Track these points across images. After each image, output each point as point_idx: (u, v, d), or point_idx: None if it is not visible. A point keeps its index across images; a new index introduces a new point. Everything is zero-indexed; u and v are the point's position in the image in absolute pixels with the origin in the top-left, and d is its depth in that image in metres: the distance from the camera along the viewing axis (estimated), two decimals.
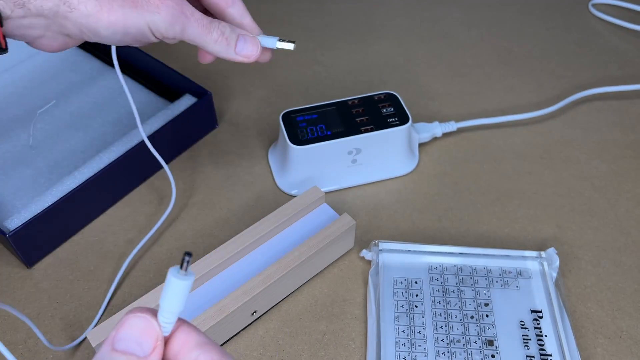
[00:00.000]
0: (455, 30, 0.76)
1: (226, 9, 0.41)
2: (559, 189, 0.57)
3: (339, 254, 0.50)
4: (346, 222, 0.48)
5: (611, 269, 0.50)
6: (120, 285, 0.49)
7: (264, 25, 0.45)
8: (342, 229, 0.47)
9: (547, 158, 0.60)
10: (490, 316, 0.46)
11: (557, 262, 0.49)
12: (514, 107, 0.65)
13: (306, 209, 0.50)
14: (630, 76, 0.69)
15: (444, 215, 0.54)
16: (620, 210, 0.55)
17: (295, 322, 0.47)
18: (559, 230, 0.53)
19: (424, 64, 0.71)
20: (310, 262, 0.47)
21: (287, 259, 0.46)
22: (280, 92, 0.67)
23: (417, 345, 0.44)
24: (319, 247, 0.46)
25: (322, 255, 0.47)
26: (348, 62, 0.71)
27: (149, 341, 0.22)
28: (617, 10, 0.79)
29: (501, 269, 0.49)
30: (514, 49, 0.74)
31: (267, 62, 0.43)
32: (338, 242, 0.48)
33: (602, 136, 0.62)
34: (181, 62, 0.69)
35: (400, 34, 0.75)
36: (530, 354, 0.44)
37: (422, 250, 0.50)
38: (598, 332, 0.46)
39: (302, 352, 0.45)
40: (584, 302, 0.48)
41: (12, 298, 0.48)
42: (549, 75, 0.70)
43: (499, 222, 0.54)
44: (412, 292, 0.47)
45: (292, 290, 0.48)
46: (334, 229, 0.47)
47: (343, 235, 0.48)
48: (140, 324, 0.22)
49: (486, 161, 0.60)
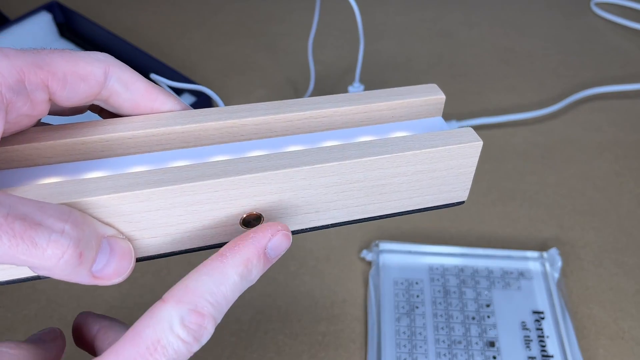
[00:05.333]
0: (456, 30, 0.76)
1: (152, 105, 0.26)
2: (561, 188, 0.57)
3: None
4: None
5: (613, 270, 0.50)
6: (119, 285, 0.49)
7: (264, 24, 0.45)
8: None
9: (549, 158, 0.60)
10: (491, 317, 0.46)
11: (560, 262, 0.48)
12: (515, 107, 0.65)
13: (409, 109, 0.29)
14: (633, 75, 0.69)
15: (444, 215, 0.54)
16: (622, 210, 0.55)
17: (295, 323, 0.47)
18: (560, 230, 0.53)
19: (424, 63, 0.70)
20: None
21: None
22: (280, 92, 0.66)
23: (418, 347, 0.44)
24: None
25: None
26: (348, 61, 0.71)
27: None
28: (619, 9, 0.78)
29: (503, 270, 0.49)
30: (515, 48, 0.73)
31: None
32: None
33: (604, 136, 0.62)
34: (180, 61, 0.69)
35: (400, 33, 0.75)
36: (532, 355, 0.43)
37: (423, 251, 0.50)
38: (600, 333, 0.46)
39: (302, 353, 0.45)
40: (585, 302, 0.48)
41: (11, 299, 0.48)
42: (551, 74, 0.69)
43: (501, 222, 0.54)
44: (413, 293, 0.47)
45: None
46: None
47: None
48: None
49: (487, 161, 0.59)
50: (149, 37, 0.73)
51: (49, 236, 0.19)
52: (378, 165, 0.25)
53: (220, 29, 0.75)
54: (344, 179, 0.25)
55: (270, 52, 0.71)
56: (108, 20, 0.75)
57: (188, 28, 0.75)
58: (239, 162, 0.23)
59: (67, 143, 0.24)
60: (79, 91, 0.23)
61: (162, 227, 0.23)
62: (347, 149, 0.25)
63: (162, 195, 0.22)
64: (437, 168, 0.26)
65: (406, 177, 0.26)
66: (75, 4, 0.74)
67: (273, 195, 0.24)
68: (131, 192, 0.21)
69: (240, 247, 0.22)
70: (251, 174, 0.23)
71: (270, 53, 0.71)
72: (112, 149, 0.25)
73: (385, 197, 0.27)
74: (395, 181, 0.26)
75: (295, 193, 0.24)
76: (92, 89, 0.23)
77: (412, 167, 0.26)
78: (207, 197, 0.23)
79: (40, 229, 0.18)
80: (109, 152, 0.25)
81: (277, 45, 0.73)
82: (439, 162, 0.26)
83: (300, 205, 0.25)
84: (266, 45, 0.72)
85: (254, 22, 0.75)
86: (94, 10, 0.77)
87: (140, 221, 0.22)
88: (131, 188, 0.21)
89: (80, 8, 0.74)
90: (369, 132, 0.28)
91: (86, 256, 0.20)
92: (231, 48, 0.72)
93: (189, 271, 0.22)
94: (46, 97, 0.22)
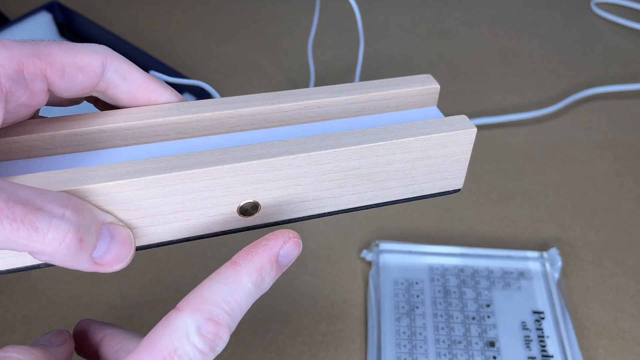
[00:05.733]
0: (456, 29, 0.76)
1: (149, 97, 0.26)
2: (561, 188, 0.57)
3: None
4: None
5: (613, 270, 0.50)
6: (120, 285, 0.49)
7: (264, 24, 0.45)
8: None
9: (549, 158, 0.60)
10: (491, 317, 0.46)
11: (560, 262, 0.48)
12: (515, 107, 0.65)
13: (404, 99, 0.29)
14: (633, 75, 0.69)
15: (444, 215, 0.54)
16: (622, 210, 0.55)
17: (295, 323, 0.47)
18: (560, 230, 0.53)
19: (424, 63, 0.70)
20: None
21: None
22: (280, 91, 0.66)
23: (418, 347, 0.44)
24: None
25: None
26: (348, 61, 0.71)
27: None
28: (619, 9, 0.78)
29: (503, 270, 0.49)
30: (515, 48, 0.73)
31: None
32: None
33: (604, 136, 0.62)
34: (180, 60, 0.69)
35: (400, 33, 0.75)
36: (532, 355, 0.43)
37: (423, 251, 0.50)
38: (600, 333, 0.46)
39: (302, 354, 0.45)
40: (585, 303, 0.48)
41: (11, 299, 0.48)
42: (551, 74, 0.69)
43: (501, 222, 0.54)
44: (413, 293, 0.47)
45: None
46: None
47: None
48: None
49: (487, 161, 0.59)
50: (149, 37, 0.73)
51: (49, 221, 0.19)
52: (373, 153, 0.25)
53: (220, 29, 0.75)
54: (340, 167, 0.25)
55: (270, 52, 0.71)
56: (108, 20, 0.75)
57: (188, 28, 0.75)
58: (236, 151, 0.23)
59: (66, 134, 0.25)
60: (77, 82, 0.23)
61: (161, 215, 0.23)
62: (343, 136, 0.25)
63: (160, 182, 0.22)
64: (432, 155, 0.26)
65: (401, 165, 0.26)
66: (75, 4, 0.74)
67: (270, 183, 0.24)
68: (129, 179, 0.21)
69: (253, 254, 0.22)
70: (247, 161, 0.23)
71: (270, 53, 0.71)
72: (110, 140, 0.25)
73: (381, 185, 0.27)
74: (391, 169, 0.26)
75: (291, 181, 0.24)
76: (90, 80, 0.23)
77: (407, 154, 0.26)
78: (204, 184, 0.23)
79: (41, 214, 0.19)
80: (107, 143, 0.25)
81: (277, 45, 0.73)
82: (434, 150, 0.26)
83: (297, 193, 0.25)
84: (266, 45, 0.72)
85: (254, 22, 0.75)
86: (94, 10, 0.77)
87: (138, 209, 0.22)
88: (129, 176, 0.22)
89: (80, 8, 0.74)
90: (365, 123, 0.28)
91: (87, 241, 0.20)
92: (231, 48, 0.72)
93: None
94: (45, 87, 0.22)
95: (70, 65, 0.22)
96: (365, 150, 0.25)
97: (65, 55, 0.22)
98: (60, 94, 0.23)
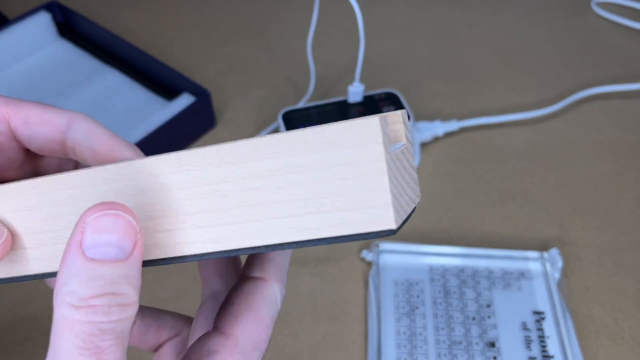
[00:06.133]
0: (457, 29, 0.76)
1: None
2: (561, 189, 0.57)
3: None
4: None
5: (613, 270, 0.50)
6: None
7: (264, 24, 0.45)
8: None
9: (549, 158, 0.60)
10: (492, 317, 0.46)
11: (560, 262, 0.48)
12: (515, 106, 0.65)
13: None
14: (633, 75, 0.69)
15: (445, 215, 0.54)
16: (622, 210, 0.55)
17: (295, 323, 0.46)
18: (561, 230, 0.53)
19: (425, 62, 0.70)
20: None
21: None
22: (280, 91, 0.66)
23: (418, 347, 0.44)
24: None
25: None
26: (348, 61, 0.71)
27: (128, 240, 0.18)
28: (620, 9, 0.78)
29: (503, 270, 0.49)
30: (515, 47, 0.73)
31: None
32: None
33: (605, 136, 0.62)
34: (179, 60, 0.69)
35: (401, 33, 0.75)
36: (533, 356, 0.43)
37: (423, 251, 0.50)
38: (600, 334, 0.46)
39: (302, 354, 0.45)
40: (586, 303, 0.48)
41: (11, 299, 0.48)
42: (551, 74, 0.69)
43: (501, 222, 0.54)
44: (413, 294, 0.47)
45: None
46: None
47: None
48: (115, 223, 0.18)
49: (488, 161, 0.59)
50: (149, 37, 0.73)
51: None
52: (234, 156, 0.18)
53: (220, 29, 0.75)
54: (198, 178, 0.18)
55: (270, 52, 0.71)
56: (108, 20, 0.75)
57: (188, 28, 0.75)
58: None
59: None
60: (41, 133, 0.24)
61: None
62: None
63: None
64: (322, 163, 0.17)
65: (281, 177, 0.18)
66: (75, 4, 0.74)
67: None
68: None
69: None
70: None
71: (270, 53, 0.71)
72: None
73: (263, 212, 0.18)
74: (269, 184, 0.18)
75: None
76: (53, 134, 0.24)
77: (284, 159, 0.17)
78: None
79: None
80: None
81: (277, 45, 0.72)
82: (320, 153, 0.17)
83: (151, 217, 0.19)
84: (266, 45, 0.72)
85: (254, 22, 0.75)
86: (93, 10, 0.77)
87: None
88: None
89: (79, 8, 0.74)
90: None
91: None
92: (231, 48, 0.72)
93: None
94: (6, 130, 0.24)
95: (35, 116, 0.24)
96: (216, 151, 0.18)
97: (33, 108, 0.24)
98: (27, 143, 0.24)
